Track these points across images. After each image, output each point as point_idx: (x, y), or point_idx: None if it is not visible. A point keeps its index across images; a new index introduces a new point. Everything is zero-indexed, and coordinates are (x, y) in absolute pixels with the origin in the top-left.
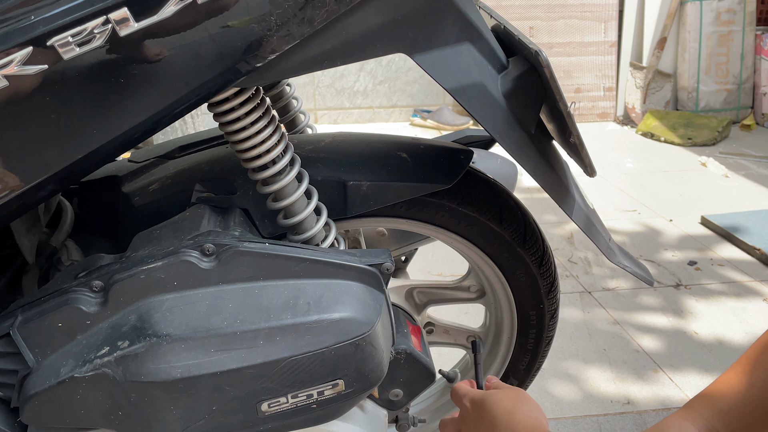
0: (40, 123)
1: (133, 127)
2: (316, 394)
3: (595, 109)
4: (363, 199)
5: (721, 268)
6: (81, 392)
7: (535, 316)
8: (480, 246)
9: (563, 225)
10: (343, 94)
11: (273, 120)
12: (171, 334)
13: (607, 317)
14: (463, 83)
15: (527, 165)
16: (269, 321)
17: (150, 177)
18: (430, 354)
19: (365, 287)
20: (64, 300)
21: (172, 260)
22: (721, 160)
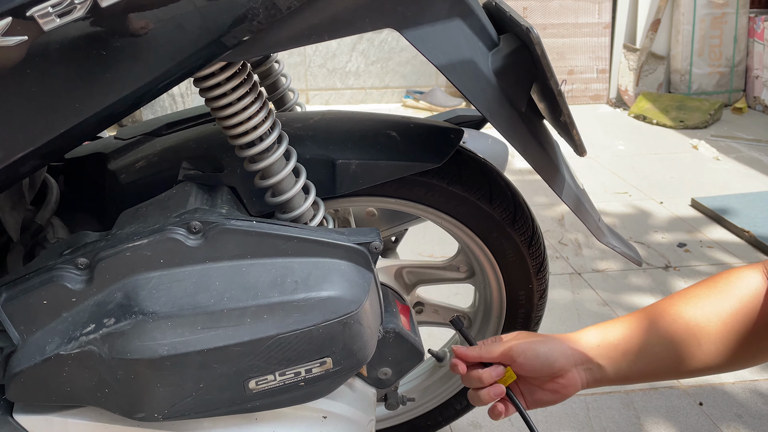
0: (22, 96)
1: (117, 102)
2: (304, 372)
3: (588, 91)
4: (352, 178)
5: (710, 250)
6: (67, 369)
7: (524, 296)
8: (470, 226)
9: (554, 207)
10: (335, 74)
11: (260, 96)
12: (157, 311)
13: (597, 298)
14: (453, 60)
15: (517, 144)
16: (256, 299)
17: (136, 154)
18: (419, 333)
19: (353, 266)
20: (49, 277)
21: (158, 237)
22: (713, 143)
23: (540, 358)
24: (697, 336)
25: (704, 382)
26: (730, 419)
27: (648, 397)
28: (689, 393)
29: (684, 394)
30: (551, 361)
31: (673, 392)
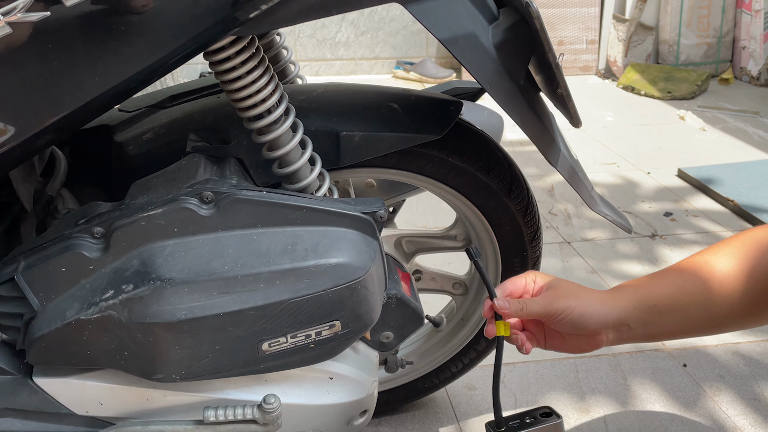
0: (44, 70)
1: (134, 75)
2: (314, 335)
3: (578, 62)
4: (355, 150)
5: (696, 219)
6: (87, 334)
7: (518, 263)
8: (467, 196)
9: (545, 178)
10: (325, 44)
11: (268, 69)
12: (174, 277)
13: (585, 266)
14: (456, 33)
15: (515, 115)
16: (269, 265)
17: (143, 126)
18: (419, 299)
19: (360, 234)
20: (66, 246)
21: (172, 207)
22: (699, 113)
23: (575, 322)
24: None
25: (688, 345)
26: (713, 380)
27: (634, 359)
28: (674, 355)
29: (669, 356)
30: (585, 325)
31: (658, 354)
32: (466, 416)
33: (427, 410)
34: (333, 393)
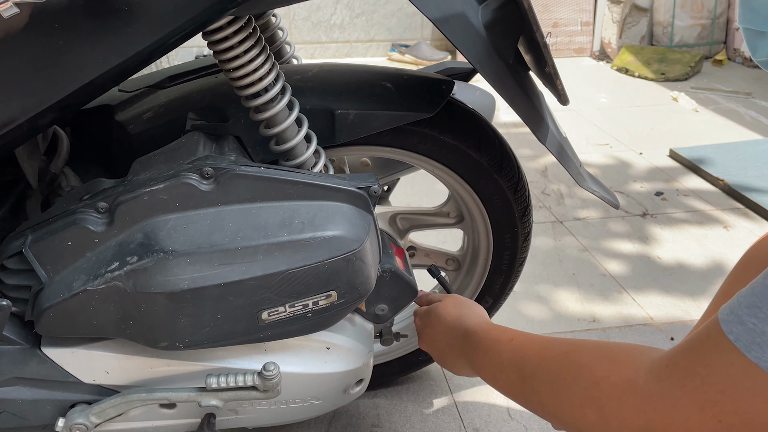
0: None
1: (135, 54)
2: (311, 304)
3: (572, 44)
4: (350, 127)
5: (686, 198)
6: (93, 304)
7: (509, 239)
8: (459, 173)
9: (537, 159)
10: (320, 27)
11: (265, 49)
12: (177, 249)
13: (577, 244)
14: (446, 13)
15: (505, 94)
16: (267, 238)
17: (143, 106)
18: (413, 273)
19: (355, 208)
20: (72, 220)
21: (173, 183)
22: (692, 95)
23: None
24: None
25: (676, 320)
26: None
27: (623, 333)
28: (662, 329)
29: (657, 330)
30: None
31: (646, 329)
32: (460, 388)
33: (421, 383)
34: (330, 362)
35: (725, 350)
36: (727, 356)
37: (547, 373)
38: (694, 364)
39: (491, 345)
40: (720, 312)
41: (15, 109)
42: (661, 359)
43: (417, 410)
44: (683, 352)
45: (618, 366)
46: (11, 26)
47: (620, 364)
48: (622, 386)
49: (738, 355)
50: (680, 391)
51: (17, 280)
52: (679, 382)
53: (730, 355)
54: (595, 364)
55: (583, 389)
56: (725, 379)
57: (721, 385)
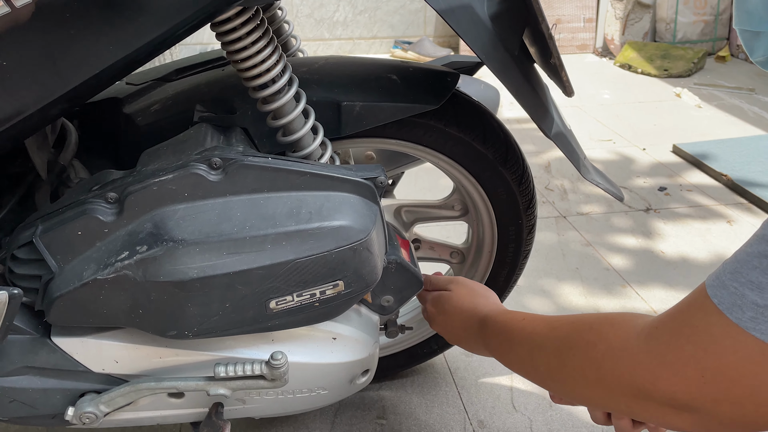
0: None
1: (144, 45)
2: (318, 294)
3: (575, 41)
4: (356, 119)
5: (690, 193)
6: (103, 293)
7: (513, 232)
8: (464, 165)
9: (541, 154)
10: (323, 24)
11: (272, 40)
12: (186, 239)
13: (581, 239)
14: (452, 5)
15: (510, 85)
16: (275, 227)
17: (150, 98)
18: (418, 265)
19: (361, 199)
20: (81, 210)
21: (182, 173)
22: (695, 91)
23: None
24: None
25: None
26: None
27: None
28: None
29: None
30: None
31: None
32: (464, 380)
33: (426, 375)
34: (336, 352)
35: (709, 312)
36: (711, 317)
37: (553, 340)
38: (681, 325)
39: (505, 327)
40: (707, 279)
41: (25, 100)
42: (652, 321)
43: (422, 402)
44: (671, 314)
45: (615, 329)
46: (22, 16)
47: (617, 326)
48: (616, 346)
49: (720, 316)
50: (667, 349)
51: (28, 270)
52: (666, 340)
53: (713, 317)
54: (595, 329)
55: (584, 351)
56: (708, 338)
57: (705, 344)
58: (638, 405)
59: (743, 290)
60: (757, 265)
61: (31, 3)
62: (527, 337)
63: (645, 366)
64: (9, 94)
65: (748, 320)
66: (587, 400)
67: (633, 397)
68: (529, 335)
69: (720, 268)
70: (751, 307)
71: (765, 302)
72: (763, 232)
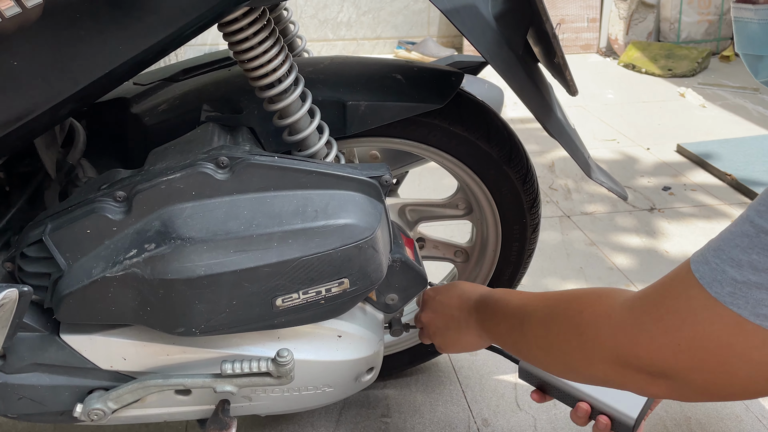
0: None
1: (152, 45)
2: (324, 291)
3: (579, 41)
4: (361, 118)
5: (694, 193)
6: (112, 290)
7: (518, 231)
8: (469, 164)
9: (545, 154)
10: (327, 25)
11: (279, 40)
12: (193, 237)
13: (585, 239)
14: (457, 4)
15: (514, 84)
16: (281, 225)
17: (158, 98)
18: (422, 263)
19: (366, 197)
20: (90, 209)
21: (189, 172)
22: (700, 90)
23: None
24: None
25: None
26: None
27: None
28: None
29: None
30: None
31: None
32: (468, 379)
33: (430, 374)
34: (342, 350)
35: (690, 285)
36: (691, 290)
37: (543, 309)
38: (663, 297)
39: (500, 302)
40: (692, 255)
41: (35, 100)
42: (637, 292)
43: (426, 401)
44: (655, 286)
45: (600, 299)
46: (32, 17)
47: (603, 296)
48: (599, 314)
49: (700, 289)
50: (647, 317)
51: (37, 268)
52: (648, 310)
53: (694, 290)
54: (582, 299)
55: (569, 318)
56: (687, 309)
57: (683, 314)
58: (615, 372)
59: (724, 266)
60: (739, 243)
61: (41, 3)
62: (520, 307)
63: (625, 332)
64: (19, 94)
65: (726, 295)
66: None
67: (611, 364)
68: (522, 306)
69: (705, 246)
70: (730, 283)
71: (743, 278)
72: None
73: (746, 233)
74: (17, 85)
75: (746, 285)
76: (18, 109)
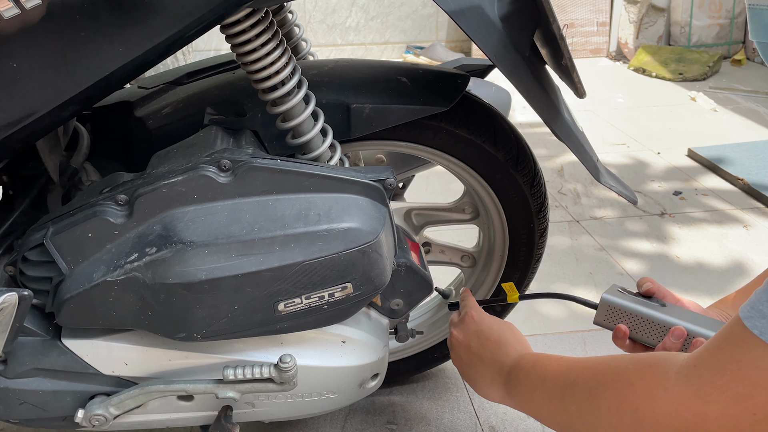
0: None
1: (154, 47)
2: (327, 296)
3: (588, 45)
4: (366, 121)
5: (705, 198)
6: (113, 295)
7: (525, 235)
8: (475, 167)
9: (554, 158)
10: (335, 30)
11: (282, 43)
12: (195, 240)
13: (594, 244)
14: (463, 6)
15: (521, 87)
16: (284, 229)
17: (161, 102)
18: (428, 268)
19: (370, 201)
20: (92, 212)
21: (191, 175)
22: (711, 94)
23: None
24: None
25: None
26: None
27: None
28: None
29: None
30: None
31: None
32: None
33: (437, 380)
34: (346, 356)
35: (752, 344)
36: (755, 350)
37: (587, 380)
38: (722, 361)
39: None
40: (740, 310)
41: (36, 102)
42: (688, 359)
43: (432, 407)
44: (709, 350)
45: (651, 368)
46: (32, 18)
47: (653, 366)
48: (654, 387)
49: (765, 347)
50: (711, 388)
51: (38, 272)
52: (709, 379)
53: (757, 348)
54: (631, 368)
55: (619, 392)
56: (756, 371)
57: (753, 378)
58: None
59: None
60: None
61: (42, 5)
62: (562, 374)
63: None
64: (20, 96)
65: None
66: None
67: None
68: (564, 372)
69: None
70: None
71: None
72: None
73: None
74: (18, 87)
75: None
76: (19, 111)
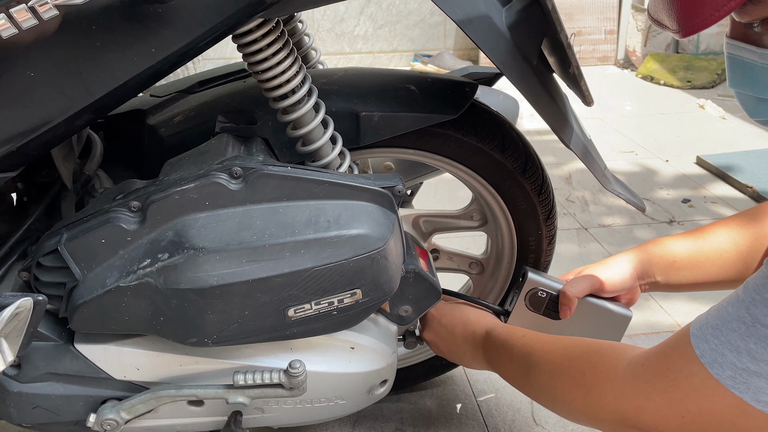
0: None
1: (168, 56)
2: (336, 302)
3: (596, 53)
4: (375, 129)
5: (714, 205)
6: (126, 300)
7: (534, 242)
8: (483, 175)
9: (562, 166)
10: (344, 38)
11: (293, 51)
12: (206, 246)
13: (603, 251)
14: (471, 15)
15: (529, 95)
16: (294, 236)
17: (173, 110)
18: (437, 275)
19: (379, 208)
20: (105, 219)
21: (203, 182)
22: (719, 102)
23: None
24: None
25: None
26: None
27: (650, 339)
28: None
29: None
30: (626, 286)
31: None
32: (483, 393)
33: (445, 387)
34: (355, 362)
35: (691, 361)
36: (692, 366)
37: (547, 363)
38: (665, 367)
39: (506, 342)
40: (692, 324)
41: (52, 110)
42: (638, 357)
43: (440, 414)
44: (656, 354)
45: (603, 359)
46: (49, 28)
47: (605, 357)
48: (603, 377)
49: (701, 368)
50: (652, 388)
51: (52, 278)
52: (651, 379)
53: (695, 366)
54: (585, 357)
55: (573, 378)
56: (689, 385)
57: (686, 390)
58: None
59: (723, 350)
60: (736, 328)
61: (58, 15)
62: (525, 355)
63: (630, 399)
64: (36, 105)
65: (727, 378)
66: (573, 418)
67: (616, 423)
68: (527, 354)
69: (704, 318)
70: (730, 367)
71: (742, 365)
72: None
73: (743, 320)
74: (34, 96)
75: (746, 372)
76: (34, 119)
